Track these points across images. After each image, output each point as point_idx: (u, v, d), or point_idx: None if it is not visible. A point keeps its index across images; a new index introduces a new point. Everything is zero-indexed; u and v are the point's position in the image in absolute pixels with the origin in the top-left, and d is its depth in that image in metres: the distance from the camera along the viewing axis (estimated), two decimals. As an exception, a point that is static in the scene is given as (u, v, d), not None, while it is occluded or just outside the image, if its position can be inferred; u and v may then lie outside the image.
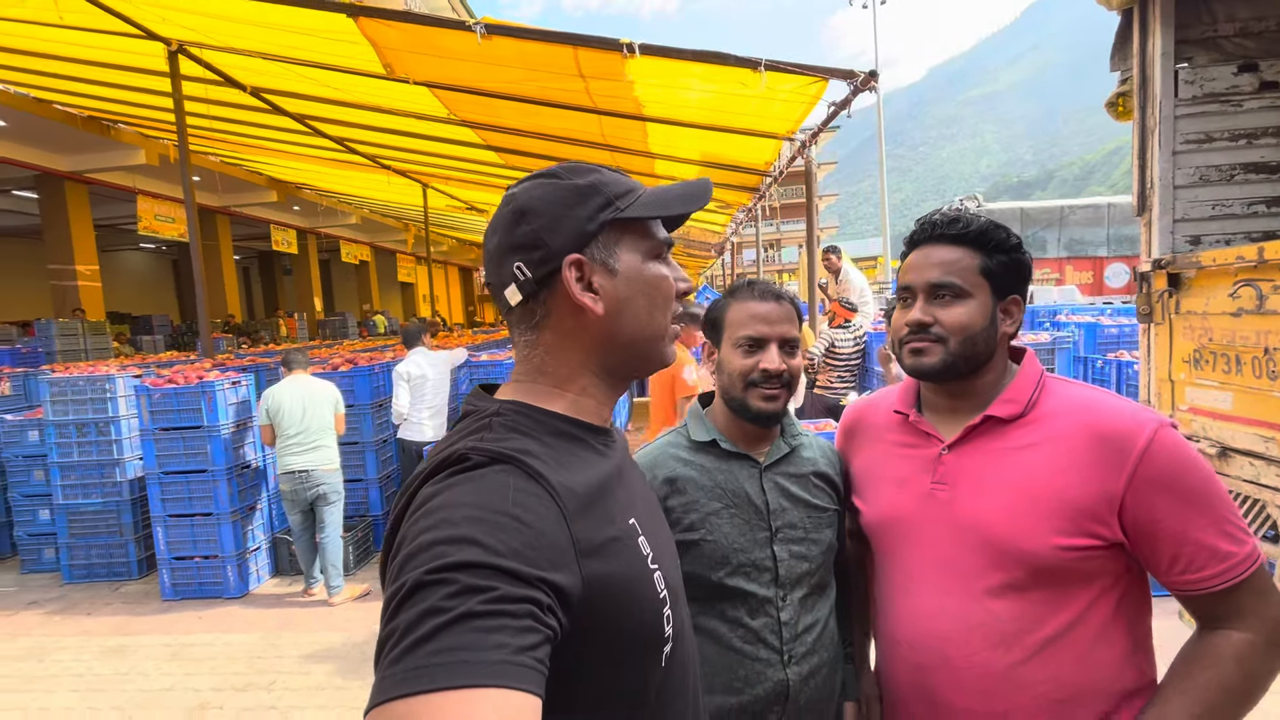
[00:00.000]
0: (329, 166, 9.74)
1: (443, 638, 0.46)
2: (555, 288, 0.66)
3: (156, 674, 3.24)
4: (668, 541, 0.75)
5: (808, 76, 4.04)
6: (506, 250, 0.67)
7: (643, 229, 0.71)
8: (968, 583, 0.93)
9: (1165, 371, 2.13)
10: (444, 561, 0.50)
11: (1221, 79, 2.21)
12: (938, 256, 0.98)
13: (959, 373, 0.98)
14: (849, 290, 6.45)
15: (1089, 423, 0.89)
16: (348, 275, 22.27)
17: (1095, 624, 0.89)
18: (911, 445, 1.04)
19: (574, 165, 0.70)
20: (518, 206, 0.67)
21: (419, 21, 4.29)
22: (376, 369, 5.24)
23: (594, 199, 0.67)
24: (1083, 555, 0.87)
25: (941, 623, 0.95)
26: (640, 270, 0.69)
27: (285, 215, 14.71)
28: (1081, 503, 0.87)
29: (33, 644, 3.62)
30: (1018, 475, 0.91)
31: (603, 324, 0.67)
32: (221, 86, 6.01)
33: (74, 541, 4.47)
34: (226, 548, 4.13)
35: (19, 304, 14.66)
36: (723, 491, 1.14)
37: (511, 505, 0.55)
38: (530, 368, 0.70)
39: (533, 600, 0.51)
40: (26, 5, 4.54)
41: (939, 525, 0.97)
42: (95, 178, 10.11)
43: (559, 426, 0.67)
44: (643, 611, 0.63)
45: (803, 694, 1.11)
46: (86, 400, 4.40)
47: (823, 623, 1.15)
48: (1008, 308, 0.99)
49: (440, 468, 0.59)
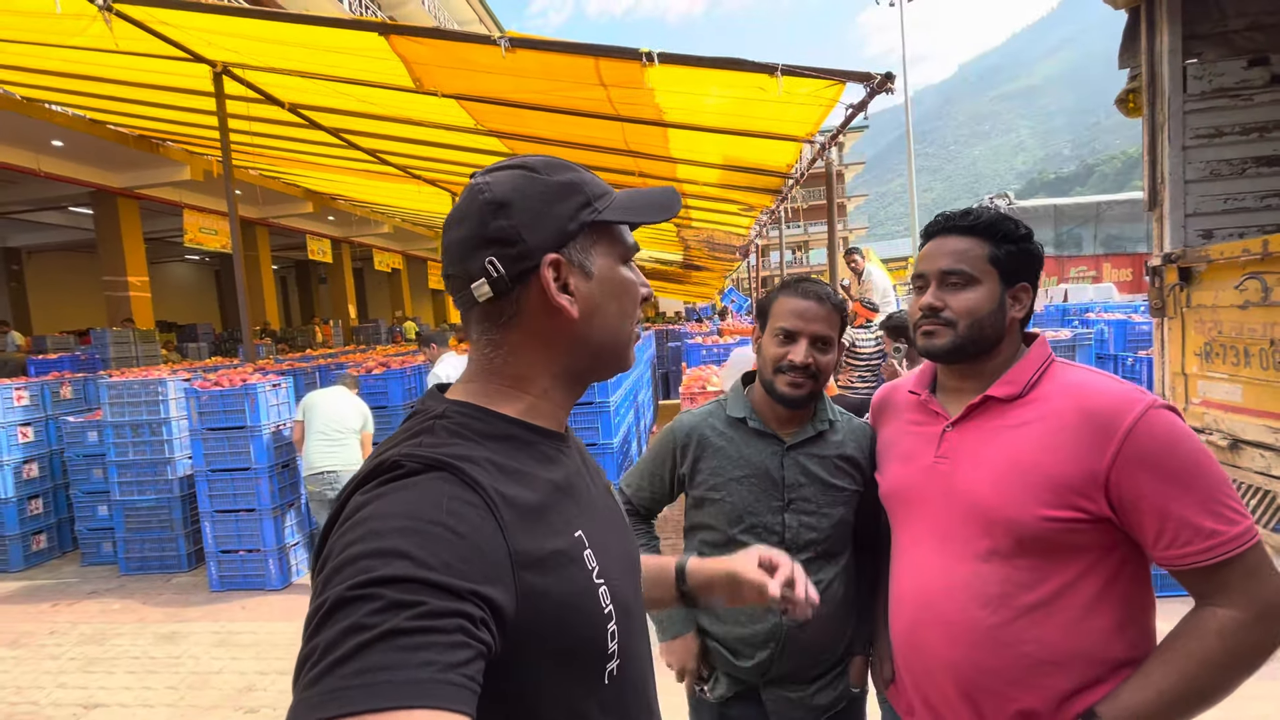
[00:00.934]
0: (362, 177, 10.07)
1: (365, 657, 0.44)
2: (529, 286, 0.64)
3: (206, 658, 3.45)
4: (623, 555, 0.71)
5: (824, 80, 4.09)
6: (478, 243, 0.63)
7: (617, 233, 0.69)
8: (960, 547, 1.01)
9: (1178, 365, 2.14)
10: (369, 576, 0.47)
11: (1231, 73, 2.21)
12: (949, 246, 1.06)
13: (968, 354, 1.05)
14: (871, 291, 6.44)
15: (1080, 403, 0.95)
16: (380, 283, 22.84)
17: (1085, 593, 0.93)
18: (921, 423, 1.13)
19: (549, 160, 0.67)
20: (493, 198, 0.63)
21: (446, 37, 4.46)
22: (408, 371, 5.44)
23: (575, 198, 0.65)
24: (1067, 527, 0.92)
25: (935, 581, 1.03)
26: (614, 274, 0.68)
27: (321, 225, 15.19)
28: (1067, 477, 0.92)
29: (93, 630, 3.87)
30: (1010, 450, 0.98)
31: (575, 327, 0.65)
32: (262, 104, 6.31)
33: (130, 536, 4.75)
34: (268, 542, 4.34)
35: (77, 314, 15.44)
36: (746, 463, 1.31)
37: (445, 515, 0.52)
38: (488, 367, 0.67)
39: (464, 614, 0.48)
40: (87, 34, 4.86)
41: (939, 496, 1.05)
42: (145, 193, 10.61)
43: (509, 430, 0.64)
44: (583, 627, 0.60)
45: (797, 639, 1.28)
46: (141, 402, 4.68)
47: (826, 583, 1.29)
48: (1016, 294, 1.05)
49: (372, 475, 0.56)
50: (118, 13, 4.51)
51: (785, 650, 1.29)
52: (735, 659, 1.32)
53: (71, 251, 15.67)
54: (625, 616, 0.65)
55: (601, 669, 0.63)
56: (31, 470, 5.16)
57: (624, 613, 0.65)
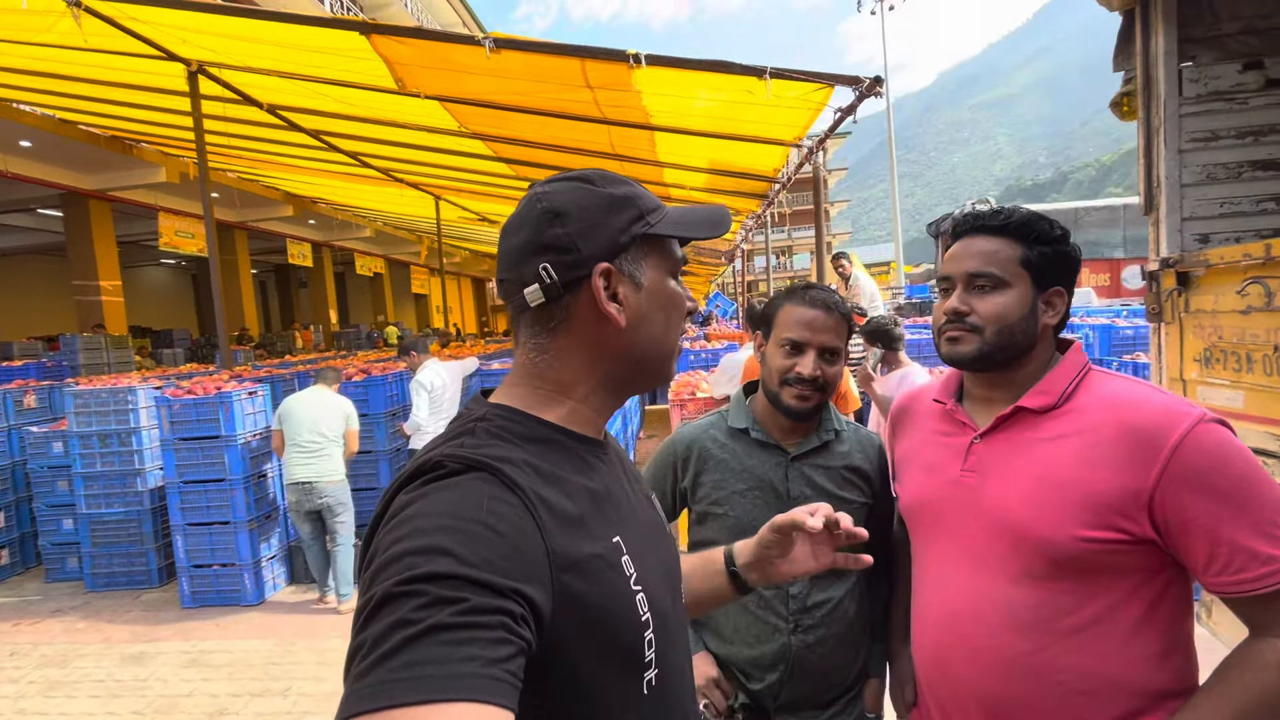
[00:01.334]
0: (343, 180, 9.90)
1: (411, 651, 0.45)
2: (580, 294, 0.65)
3: (176, 680, 3.29)
4: (661, 565, 0.71)
5: (812, 83, 4.06)
6: (535, 249, 0.65)
7: (667, 246, 0.71)
8: (990, 568, 0.94)
9: (1177, 371, 2.12)
10: (414, 573, 0.49)
11: (1226, 77, 2.20)
12: (977, 247, 1.00)
13: (995, 362, 0.98)
14: (859, 295, 6.44)
15: (1122, 416, 0.88)
16: (362, 287, 22.55)
17: (1127, 620, 0.87)
18: (946, 433, 1.06)
19: (605, 173, 0.69)
20: (551, 206, 0.65)
21: (430, 37, 4.37)
22: (390, 378, 5.31)
23: (629, 210, 0.67)
24: (1107, 549, 0.86)
25: (962, 604, 0.96)
26: (662, 286, 0.70)
27: (301, 229, 14.96)
28: (1107, 496, 0.85)
29: (55, 651, 3.69)
30: (1043, 466, 0.91)
31: (622, 336, 0.67)
32: (240, 105, 6.15)
33: (96, 550, 4.56)
34: (243, 556, 4.19)
35: (45, 319, 15.02)
36: (749, 475, 1.27)
37: (485, 514, 0.54)
38: (532, 372, 0.68)
39: (505, 611, 0.50)
40: (55, 31, 4.69)
41: (965, 511, 0.98)
42: (118, 195, 10.35)
43: (548, 435, 0.65)
44: (620, 633, 0.61)
45: (807, 660, 1.23)
46: (109, 412, 4.51)
47: (835, 601, 1.25)
48: (1050, 299, 0.98)
49: (416, 475, 0.58)
50: (87, 8, 4.35)
51: (795, 672, 1.24)
52: (746, 681, 1.28)
53: (40, 255, 15.26)
54: (662, 625, 0.66)
55: (639, 677, 0.63)
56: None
57: (661, 621, 0.65)
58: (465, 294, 26.61)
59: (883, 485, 1.32)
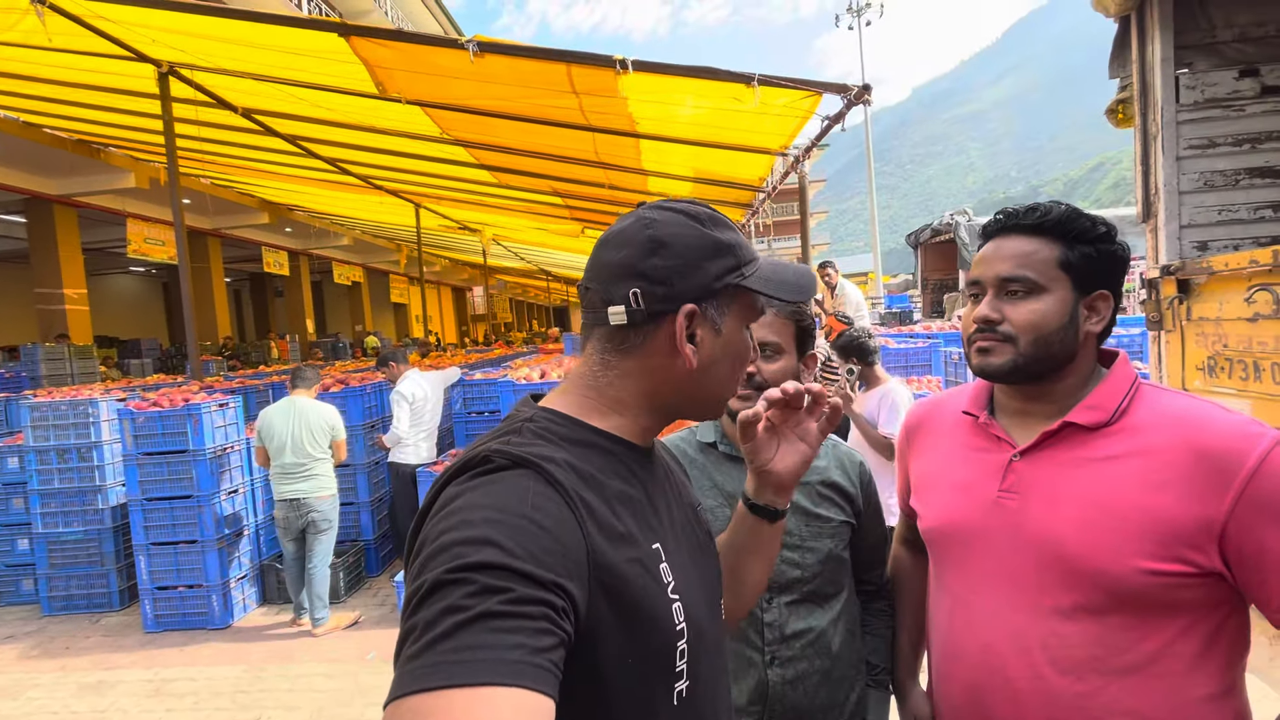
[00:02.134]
0: (321, 188, 9.71)
1: (462, 635, 0.47)
2: (661, 326, 0.67)
3: (136, 711, 3.10)
4: (702, 578, 0.71)
5: (800, 91, 4.05)
6: (630, 273, 0.66)
7: (752, 300, 0.72)
8: (1033, 600, 0.86)
9: (1179, 380, 2.09)
10: (463, 561, 0.51)
11: (1223, 84, 2.20)
12: (1010, 248, 0.91)
13: (1031, 375, 0.90)
14: (845, 304, 6.44)
15: (1189, 437, 0.80)
16: (340, 296, 22.16)
17: (1185, 657, 0.80)
18: (980, 449, 0.97)
19: (715, 215, 0.70)
20: (657, 236, 0.66)
21: (412, 40, 4.28)
22: (369, 389, 5.15)
23: (728, 259, 0.68)
24: (1172, 582, 0.78)
25: (1002, 640, 0.88)
26: (737, 337, 0.71)
27: (277, 237, 14.65)
28: (1175, 525, 0.78)
29: (7, 681, 3.46)
30: (1099, 489, 0.83)
31: (691, 375, 0.68)
32: (212, 108, 5.98)
33: (53, 572, 4.33)
34: (211, 576, 3.99)
35: (6, 329, 14.48)
36: (718, 491, 1.20)
37: (530, 509, 0.55)
38: (592, 383, 0.69)
39: (548, 603, 0.51)
40: (16, 29, 4.50)
41: (1004, 536, 0.89)
42: (84, 201, 10.03)
43: (593, 439, 0.67)
44: (652, 638, 0.61)
45: (786, 697, 1.12)
46: (69, 425, 4.29)
47: (818, 631, 1.15)
48: (1093, 304, 0.90)
49: (464, 469, 0.60)
50: (52, 6, 4.18)
51: (774, 713, 1.12)
52: None
53: (2, 262, 14.73)
54: (698, 638, 0.65)
55: (669, 688, 0.63)
56: (-58, 501, 4.68)
57: (696, 634, 0.65)
58: (445, 303, 26.32)
59: (866, 506, 1.24)
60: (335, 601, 4.16)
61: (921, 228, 12.19)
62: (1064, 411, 0.90)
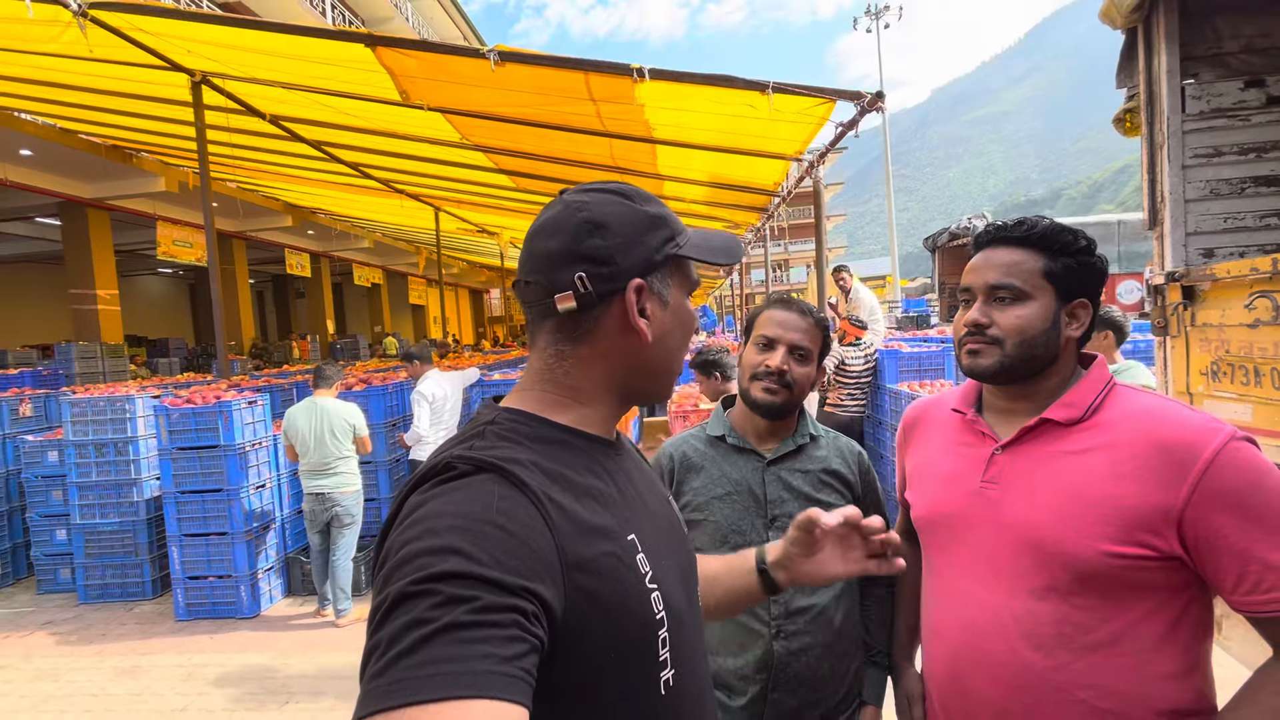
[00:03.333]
0: (344, 191, 9.92)
1: (427, 649, 0.46)
2: (611, 306, 0.67)
3: (170, 694, 3.24)
4: (677, 564, 0.72)
5: (815, 98, 4.10)
6: (571, 258, 0.66)
7: (688, 268, 0.73)
8: (1010, 581, 0.93)
9: (1183, 384, 2.12)
10: (427, 573, 0.49)
11: (1229, 94, 2.23)
12: (999, 258, 0.99)
13: (1016, 375, 0.98)
14: (859, 308, 6.47)
15: (1151, 431, 0.87)
16: (360, 298, 22.53)
17: (1149, 637, 0.87)
18: (966, 444, 1.05)
19: (639, 190, 0.71)
20: (591, 218, 0.66)
21: (436, 50, 4.40)
22: (390, 388, 5.29)
23: (663, 230, 0.70)
24: (1133, 564, 0.85)
25: (980, 617, 0.95)
26: (682, 305, 0.72)
27: (300, 239, 14.95)
28: (1136, 512, 0.85)
29: (47, 665, 3.63)
30: (1070, 479, 0.90)
31: (646, 350, 0.69)
32: (242, 115, 6.17)
33: (90, 562, 4.50)
34: (240, 567, 4.14)
35: (41, 328, 14.93)
36: (727, 480, 1.29)
37: (495, 514, 0.54)
38: (548, 377, 0.69)
39: (518, 609, 0.50)
40: (60, 41, 4.70)
41: (986, 524, 0.97)
42: (117, 205, 10.34)
43: (558, 436, 0.66)
44: (633, 630, 0.61)
45: (790, 667, 1.22)
46: (106, 420, 4.47)
47: (820, 608, 1.24)
48: (1074, 311, 0.98)
49: (426, 477, 0.59)
50: (93, 19, 4.36)
51: (778, 681, 1.21)
52: (728, 699, 1.24)
53: (37, 263, 15.20)
54: (678, 625, 0.66)
55: (655, 678, 0.62)
56: (-14, 492, 4.89)
57: (676, 621, 0.65)
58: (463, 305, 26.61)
59: (866, 492, 1.34)
60: (358, 594, 4.29)
61: (939, 231, 12.12)
62: (1043, 409, 0.97)
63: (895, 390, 4.75)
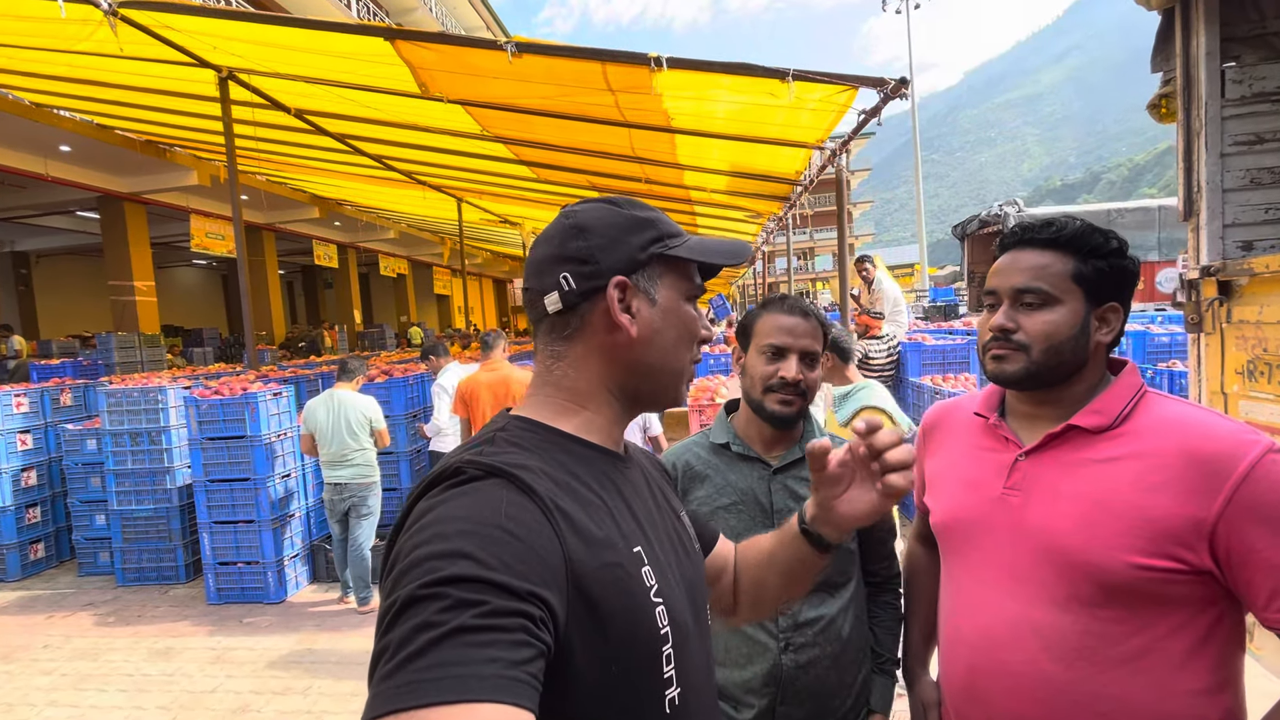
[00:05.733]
0: (368, 183, 10.04)
1: (435, 652, 0.46)
2: (596, 303, 0.68)
3: (200, 676, 3.36)
4: (685, 580, 0.70)
5: (836, 85, 4.01)
6: (556, 260, 0.69)
7: (684, 270, 0.73)
8: (1032, 591, 0.90)
9: (1217, 384, 2.03)
10: (436, 576, 0.50)
11: (1273, 78, 2.11)
12: (1026, 261, 0.95)
13: (1043, 382, 0.94)
14: (881, 300, 6.35)
15: (1184, 441, 0.84)
16: (386, 288, 22.86)
17: (1175, 652, 0.83)
18: (988, 449, 1.02)
19: (632, 200, 0.74)
20: (576, 223, 0.69)
21: (453, 42, 4.41)
22: (411, 380, 5.36)
23: (648, 231, 0.71)
24: (1161, 577, 0.82)
25: (999, 627, 0.92)
26: (675, 306, 0.72)
27: (327, 231, 15.19)
28: (1166, 524, 0.82)
29: (87, 644, 3.79)
30: (1097, 488, 0.87)
31: (633, 346, 0.69)
32: (267, 109, 6.27)
33: (127, 546, 4.68)
34: (267, 554, 4.26)
35: (82, 319, 15.47)
36: (732, 489, 1.26)
37: (504, 519, 0.54)
38: (550, 380, 0.71)
39: (525, 614, 0.50)
40: (93, 40, 4.82)
41: (1007, 530, 0.94)
42: (152, 198, 10.62)
43: (567, 445, 0.67)
44: (636, 643, 0.60)
45: (798, 680, 1.19)
46: (140, 410, 4.61)
47: (828, 619, 1.21)
48: (1104, 315, 0.94)
49: (436, 481, 0.60)
50: (123, 17, 4.46)
51: (786, 695, 1.19)
52: (735, 711, 1.22)
53: (79, 256, 15.72)
54: (683, 641, 0.65)
55: (659, 695, 0.62)
56: (30, 478, 5.10)
57: (682, 637, 0.65)
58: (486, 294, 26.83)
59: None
60: (376, 584, 4.38)
61: (969, 219, 11.80)
62: (1070, 415, 0.93)
63: (918, 384, 4.66)
